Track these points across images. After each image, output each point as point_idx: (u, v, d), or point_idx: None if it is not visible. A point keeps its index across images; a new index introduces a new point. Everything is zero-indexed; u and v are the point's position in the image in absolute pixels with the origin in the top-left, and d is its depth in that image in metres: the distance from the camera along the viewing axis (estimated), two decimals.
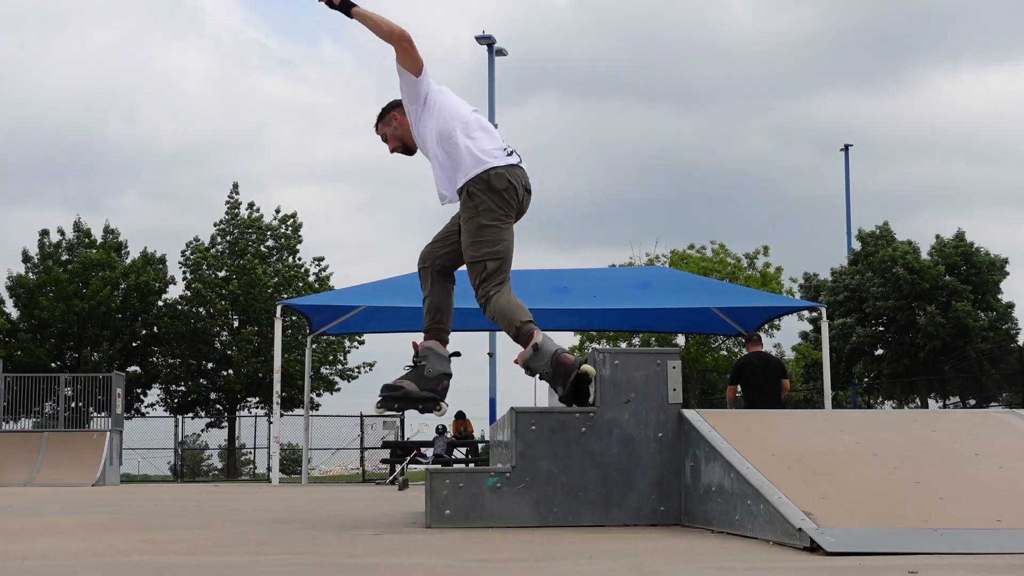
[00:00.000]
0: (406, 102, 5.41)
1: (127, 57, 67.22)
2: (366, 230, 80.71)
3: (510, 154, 5.30)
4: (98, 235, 37.46)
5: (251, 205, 38.11)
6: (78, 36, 71.03)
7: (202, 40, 76.84)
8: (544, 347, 5.13)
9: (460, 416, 24.39)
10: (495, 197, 5.21)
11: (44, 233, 36.96)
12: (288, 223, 37.89)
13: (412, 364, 5.35)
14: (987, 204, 67.10)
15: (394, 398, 5.40)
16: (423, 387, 5.34)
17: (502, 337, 24.98)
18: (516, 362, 5.24)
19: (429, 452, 21.76)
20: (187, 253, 37.47)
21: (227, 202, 38.11)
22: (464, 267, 5.37)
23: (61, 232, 37.14)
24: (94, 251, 36.44)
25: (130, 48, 67.62)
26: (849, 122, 62.46)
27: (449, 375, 5.40)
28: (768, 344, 34.50)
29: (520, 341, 5.21)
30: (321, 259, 38.16)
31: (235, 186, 38.28)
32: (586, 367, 5.09)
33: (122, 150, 65.90)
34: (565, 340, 34.84)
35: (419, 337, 5.47)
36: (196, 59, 74.78)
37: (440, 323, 5.43)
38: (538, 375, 5.18)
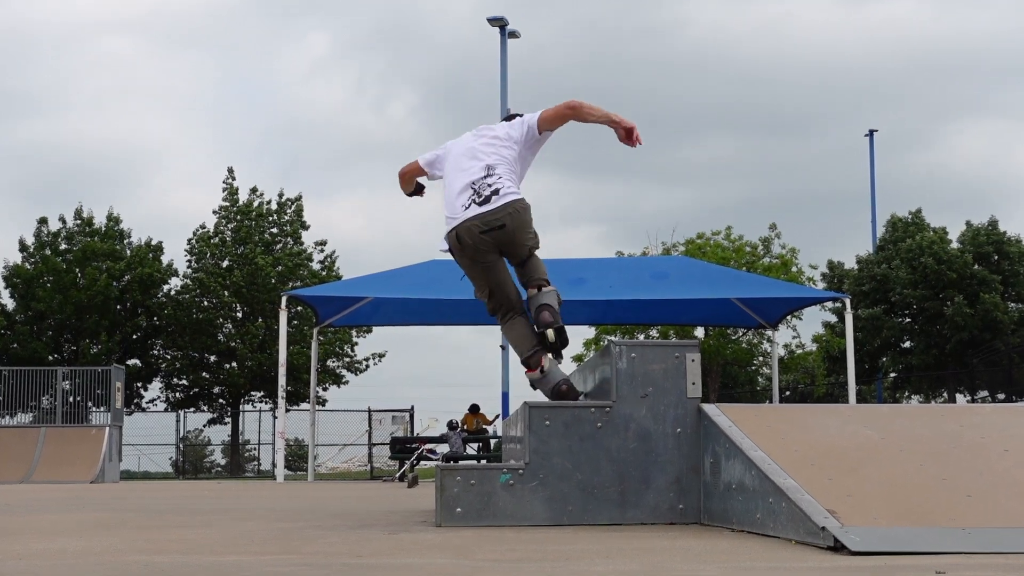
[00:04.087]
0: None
1: None
2: None
3: (467, 206, 5.56)
4: (100, 222, 35.81)
5: (253, 190, 36.09)
6: None
7: None
8: (550, 374, 5.55)
9: (474, 410, 23.98)
10: (455, 256, 5.73)
11: (43, 221, 35.33)
12: (291, 207, 36.04)
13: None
14: None
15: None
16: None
17: None
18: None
19: (439, 448, 21.01)
20: (192, 241, 35.77)
21: (224, 187, 35.88)
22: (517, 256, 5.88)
23: (62, 220, 35.43)
24: (96, 239, 34.80)
25: None
26: None
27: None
28: (787, 336, 34.12)
29: (528, 365, 5.65)
30: (323, 243, 36.42)
31: (230, 171, 36.05)
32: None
33: None
34: (581, 333, 34.59)
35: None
36: None
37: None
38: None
